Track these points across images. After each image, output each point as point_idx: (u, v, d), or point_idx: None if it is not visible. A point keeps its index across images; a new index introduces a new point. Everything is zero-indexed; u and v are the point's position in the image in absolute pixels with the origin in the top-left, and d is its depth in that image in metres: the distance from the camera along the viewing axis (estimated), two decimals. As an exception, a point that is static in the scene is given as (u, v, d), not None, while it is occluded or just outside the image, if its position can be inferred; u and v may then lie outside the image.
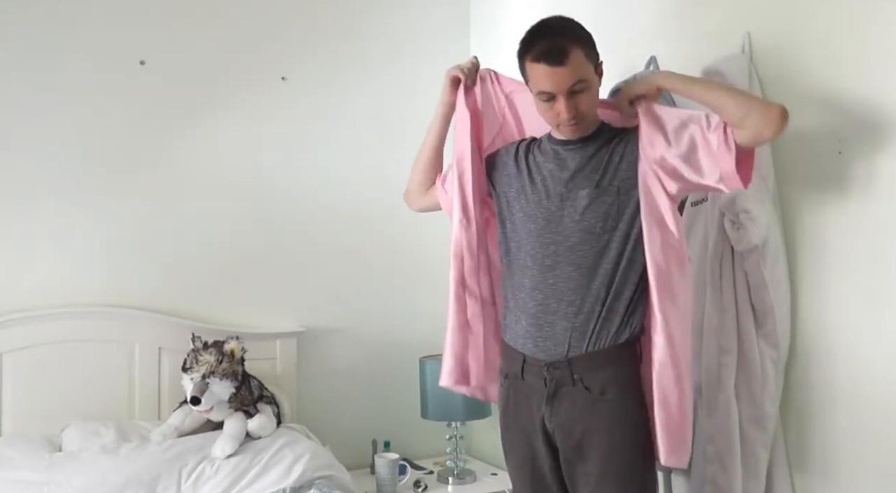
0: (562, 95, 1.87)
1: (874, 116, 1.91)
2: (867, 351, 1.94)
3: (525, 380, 1.98)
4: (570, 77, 1.84)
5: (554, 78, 1.85)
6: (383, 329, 3.23)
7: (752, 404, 2.10)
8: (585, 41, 1.89)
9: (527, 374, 1.98)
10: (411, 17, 3.31)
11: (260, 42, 3.03)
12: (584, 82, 1.86)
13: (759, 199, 2.04)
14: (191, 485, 2.31)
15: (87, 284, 2.75)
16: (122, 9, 2.80)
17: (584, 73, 1.86)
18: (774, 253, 2.06)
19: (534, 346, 1.95)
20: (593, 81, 1.90)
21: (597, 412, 1.89)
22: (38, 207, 2.70)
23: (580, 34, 1.89)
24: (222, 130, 2.97)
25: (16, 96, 2.66)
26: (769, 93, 2.13)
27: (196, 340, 2.61)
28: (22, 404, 2.59)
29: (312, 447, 2.51)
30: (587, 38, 1.90)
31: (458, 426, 2.99)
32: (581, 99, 1.88)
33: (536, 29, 1.91)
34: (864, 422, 1.96)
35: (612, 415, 1.89)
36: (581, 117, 1.90)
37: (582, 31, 1.91)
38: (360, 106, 3.21)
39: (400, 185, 3.29)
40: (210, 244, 2.94)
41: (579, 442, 1.91)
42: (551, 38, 1.86)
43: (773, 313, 2.06)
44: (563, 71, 1.84)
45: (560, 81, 1.85)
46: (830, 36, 2.00)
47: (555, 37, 1.86)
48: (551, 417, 1.94)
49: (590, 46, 1.90)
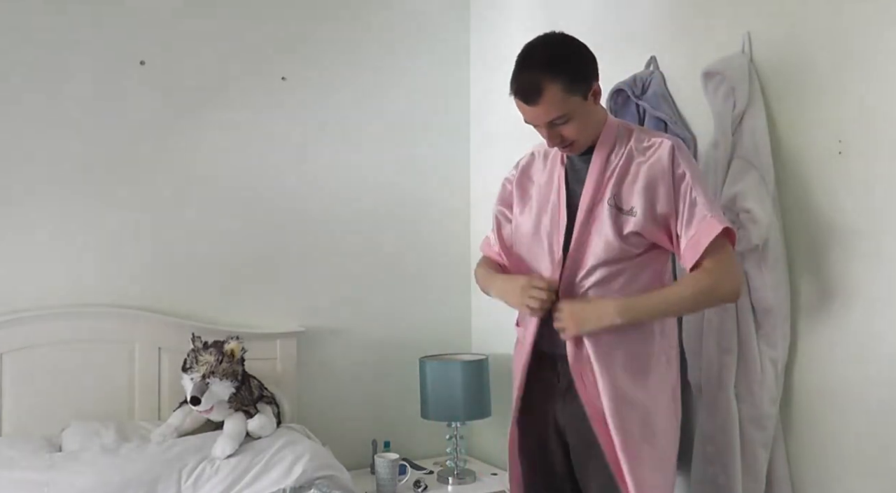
0: (542, 127, 1.91)
1: (874, 116, 1.91)
2: (867, 351, 1.94)
3: (538, 374, 2.02)
4: (544, 114, 1.86)
5: (530, 114, 1.89)
6: (383, 329, 3.23)
7: (752, 404, 2.10)
8: (568, 73, 1.84)
9: (540, 368, 2.01)
10: (411, 18, 3.31)
11: (260, 42, 3.03)
12: (564, 116, 1.86)
13: (760, 199, 2.04)
14: (191, 485, 2.31)
15: (88, 284, 2.75)
16: (122, 9, 2.80)
17: (562, 109, 1.85)
18: (775, 253, 2.06)
19: (544, 339, 1.99)
20: (576, 111, 1.87)
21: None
22: (38, 207, 2.69)
23: (561, 67, 1.84)
24: (222, 130, 2.97)
25: (16, 96, 2.66)
26: (769, 93, 2.13)
27: (196, 340, 2.61)
28: (22, 404, 2.59)
29: (312, 447, 2.51)
30: (572, 67, 1.86)
31: (458, 426, 2.99)
32: (564, 129, 1.89)
33: (521, 58, 1.90)
34: (864, 422, 1.96)
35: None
36: (569, 141, 1.92)
37: (566, 60, 1.86)
38: (360, 106, 3.20)
39: (400, 185, 3.31)
40: (210, 244, 2.94)
41: (590, 437, 1.93)
42: (528, 74, 1.85)
43: (774, 314, 2.06)
44: (536, 109, 1.86)
45: (536, 117, 1.89)
46: (830, 36, 2.00)
47: (532, 73, 1.84)
48: (563, 411, 1.97)
49: (574, 77, 1.85)
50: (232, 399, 2.54)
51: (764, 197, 2.04)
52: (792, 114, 2.10)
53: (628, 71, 2.46)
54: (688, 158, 1.91)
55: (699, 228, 1.83)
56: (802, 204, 2.08)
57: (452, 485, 2.93)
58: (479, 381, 2.97)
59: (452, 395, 2.93)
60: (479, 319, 3.38)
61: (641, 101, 2.37)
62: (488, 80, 3.29)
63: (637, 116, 2.41)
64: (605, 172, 1.93)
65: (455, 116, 3.40)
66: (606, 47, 2.70)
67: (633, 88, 2.41)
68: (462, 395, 2.92)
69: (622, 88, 2.43)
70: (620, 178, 1.92)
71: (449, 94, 3.39)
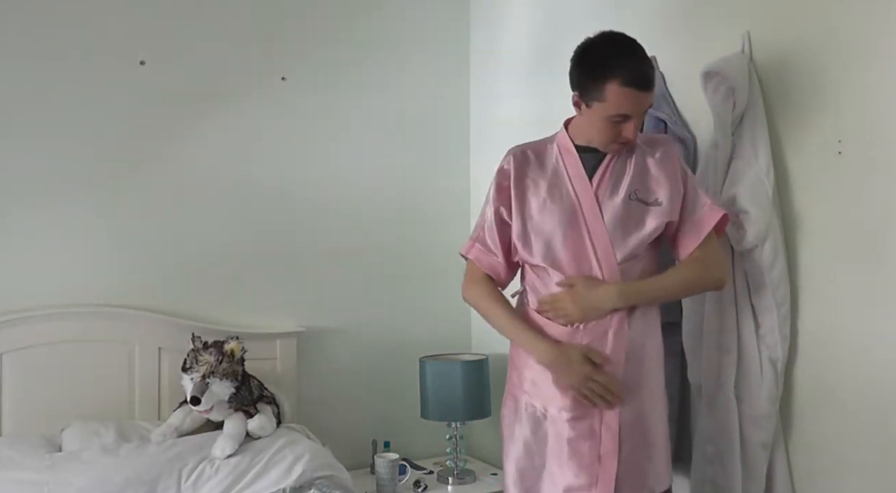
0: (636, 117, 1.90)
1: (874, 116, 1.91)
2: (867, 351, 1.95)
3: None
4: (650, 101, 1.91)
5: (641, 102, 1.88)
6: (383, 329, 3.23)
7: (752, 404, 2.10)
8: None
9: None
10: (411, 17, 3.31)
11: (260, 42, 3.03)
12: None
13: (758, 200, 2.04)
14: (191, 485, 2.31)
15: (88, 284, 2.75)
16: (122, 9, 2.80)
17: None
18: (774, 253, 2.06)
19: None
20: None
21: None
22: (37, 206, 2.69)
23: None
24: (222, 130, 2.97)
25: (16, 97, 2.66)
26: (769, 93, 2.13)
27: (196, 340, 2.60)
28: (22, 404, 2.59)
29: (312, 447, 2.51)
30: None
31: (458, 426, 2.99)
32: (637, 121, 1.94)
33: (627, 47, 1.89)
34: (864, 422, 1.96)
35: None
36: (633, 136, 1.96)
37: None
38: (360, 106, 3.20)
39: (400, 185, 3.31)
40: (210, 244, 2.94)
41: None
42: (644, 63, 1.89)
43: (773, 314, 2.06)
44: (649, 96, 1.89)
45: (643, 105, 1.90)
46: (830, 36, 2.00)
47: (646, 62, 1.89)
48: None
49: None
50: (232, 399, 2.54)
51: (763, 198, 2.04)
52: (792, 114, 2.10)
53: (628, 71, 2.46)
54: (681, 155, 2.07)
55: (702, 212, 1.97)
56: (802, 204, 2.08)
57: (452, 485, 2.93)
58: (479, 381, 2.97)
59: (452, 395, 2.93)
60: (479, 319, 3.34)
61: (641, 101, 2.37)
62: (488, 80, 3.29)
63: (637, 116, 2.40)
64: (617, 167, 1.99)
65: (455, 116, 3.40)
66: (606, 47, 2.70)
67: (633, 88, 2.40)
68: (462, 395, 2.92)
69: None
70: (638, 173, 1.98)
71: (449, 94, 3.39)
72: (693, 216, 1.98)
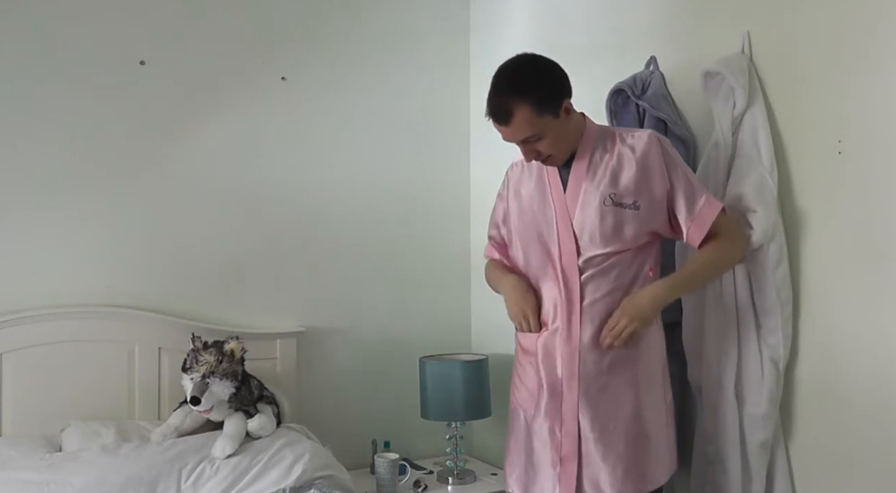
0: (518, 144, 2.00)
1: (874, 116, 1.91)
2: (867, 351, 1.94)
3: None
4: (516, 134, 1.96)
5: (503, 134, 1.99)
6: (383, 329, 3.23)
7: (752, 404, 2.10)
8: (536, 95, 1.92)
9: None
10: (411, 18, 3.31)
11: (260, 42, 3.03)
12: (536, 135, 1.95)
13: (764, 200, 2.04)
14: (191, 485, 2.31)
15: (88, 284, 2.75)
16: (122, 9, 2.80)
17: (533, 128, 1.94)
18: (778, 254, 2.05)
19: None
20: (548, 129, 1.95)
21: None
22: (38, 207, 2.69)
23: (529, 89, 1.92)
24: (222, 131, 2.97)
25: (16, 97, 2.66)
26: (769, 93, 2.13)
27: (196, 340, 2.60)
28: (22, 404, 2.59)
29: (312, 447, 2.51)
30: (540, 89, 1.93)
31: (458, 426, 2.99)
32: (539, 145, 1.98)
33: (493, 81, 1.99)
34: (864, 422, 1.96)
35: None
36: (545, 156, 2.01)
37: (534, 82, 1.94)
38: (360, 106, 3.20)
39: (400, 185, 3.31)
40: (210, 244, 2.94)
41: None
42: (498, 98, 1.95)
43: (777, 314, 2.06)
44: (508, 130, 1.96)
45: (509, 137, 1.98)
46: (830, 36, 2.00)
47: (501, 96, 1.94)
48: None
49: (542, 98, 1.93)
50: (232, 399, 2.54)
51: (767, 198, 2.04)
52: (792, 114, 2.10)
53: (628, 71, 2.46)
54: (669, 144, 2.05)
55: (701, 208, 2.00)
56: (802, 204, 2.08)
57: (452, 485, 2.93)
58: (478, 381, 2.97)
59: (452, 395, 2.93)
60: (479, 319, 3.38)
61: (641, 101, 2.37)
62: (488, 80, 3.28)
63: (637, 116, 2.40)
64: (590, 172, 2.02)
65: (455, 116, 3.40)
66: (606, 47, 2.71)
67: (633, 88, 2.40)
68: (462, 395, 2.92)
69: (622, 88, 2.43)
70: (614, 175, 2.00)
71: (449, 94, 3.39)
72: (692, 212, 2.00)
